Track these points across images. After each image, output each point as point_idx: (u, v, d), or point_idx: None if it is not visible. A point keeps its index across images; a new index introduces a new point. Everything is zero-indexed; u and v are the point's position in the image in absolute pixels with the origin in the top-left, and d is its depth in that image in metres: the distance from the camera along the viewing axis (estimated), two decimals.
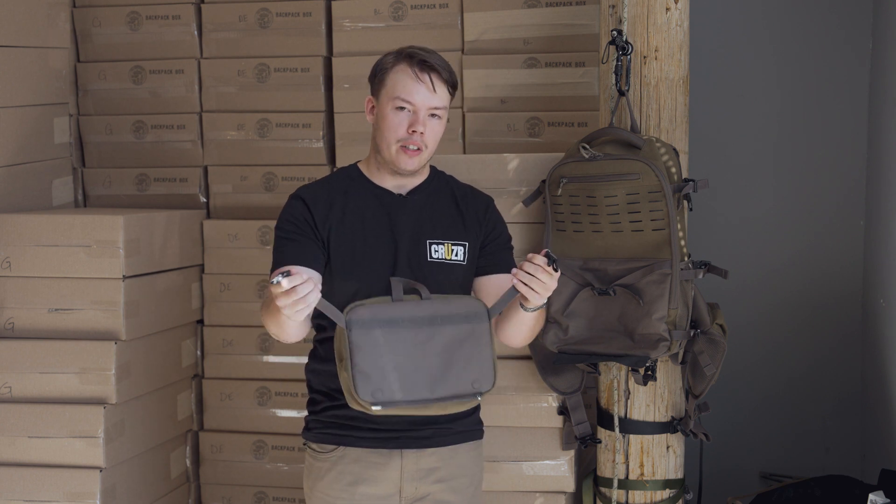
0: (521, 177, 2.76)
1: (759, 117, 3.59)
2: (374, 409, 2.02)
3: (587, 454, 2.97)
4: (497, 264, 2.35)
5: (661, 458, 2.66)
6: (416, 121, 2.21)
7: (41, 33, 3.35)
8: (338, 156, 3.40)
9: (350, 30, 3.39)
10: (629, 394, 2.64)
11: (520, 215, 2.73)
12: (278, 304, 1.90)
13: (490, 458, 2.76)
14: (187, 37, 3.51)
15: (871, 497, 2.43)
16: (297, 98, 3.44)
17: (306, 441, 2.33)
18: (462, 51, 3.30)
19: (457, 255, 2.30)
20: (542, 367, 2.68)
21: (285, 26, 3.44)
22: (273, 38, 3.45)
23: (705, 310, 2.53)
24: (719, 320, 2.57)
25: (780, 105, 3.57)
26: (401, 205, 2.29)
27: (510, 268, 2.31)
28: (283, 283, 1.86)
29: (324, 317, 2.07)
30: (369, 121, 2.31)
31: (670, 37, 2.57)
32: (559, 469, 2.77)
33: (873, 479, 2.82)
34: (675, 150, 2.52)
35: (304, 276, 1.89)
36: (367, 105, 2.31)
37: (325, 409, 2.29)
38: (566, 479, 2.77)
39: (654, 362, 2.53)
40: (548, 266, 2.02)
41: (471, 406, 2.15)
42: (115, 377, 2.92)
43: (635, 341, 2.45)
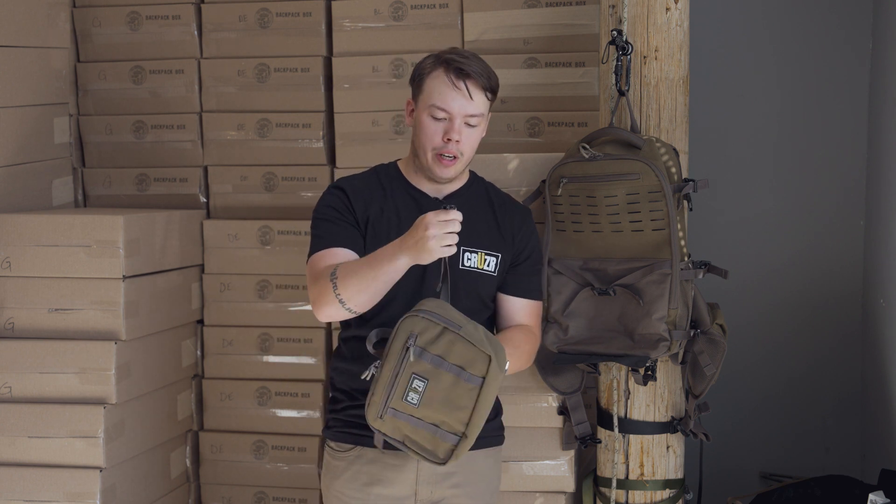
0: (521, 177, 2.76)
1: (759, 117, 3.59)
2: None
3: (587, 454, 2.97)
4: (520, 288, 2.34)
5: (661, 458, 2.66)
6: (452, 129, 2.19)
7: (41, 33, 3.35)
8: (338, 156, 3.40)
9: (350, 30, 3.39)
10: (629, 394, 2.64)
11: None
12: (430, 233, 1.97)
13: None
14: (187, 37, 3.50)
15: (871, 497, 2.43)
16: (297, 98, 3.44)
17: (326, 439, 2.35)
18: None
19: (489, 265, 2.29)
20: (542, 367, 2.68)
21: (285, 26, 3.44)
22: (273, 38, 3.45)
23: (705, 310, 2.53)
24: (719, 320, 2.57)
25: (780, 105, 3.57)
26: (435, 209, 2.28)
27: (533, 294, 2.36)
28: (453, 212, 1.98)
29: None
30: (408, 124, 2.29)
31: (670, 37, 2.57)
32: (559, 469, 2.77)
33: (873, 479, 2.82)
34: (675, 150, 2.52)
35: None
36: (407, 108, 2.30)
37: (345, 409, 2.29)
38: (566, 479, 2.77)
39: (654, 362, 2.53)
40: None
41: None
42: (115, 377, 2.92)
43: (635, 341, 2.45)
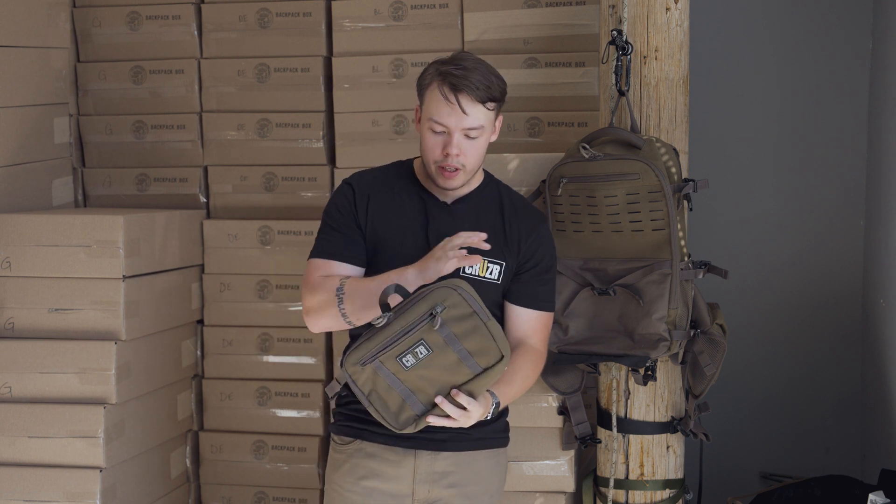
0: (521, 177, 2.76)
1: (759, 117, 3.59)
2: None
3: (587, 454, 2.97)
4: (525, 296, 2.29)
5: (661, 458, 2.66)
6: (450, 143, 2.16)
7: (41, 33, 3.34)
8: (338, 156, 3.40)
9: (350, 30, 3.39)
10: (629, 394, 2.64)
11: None
12: (447, 249, 2.01)
13: None
14: (187, 37, 3.50)
15: (871, 497, 2.43)
16: (297, 98, 3.44)
17: (331, 432, 2.36)
18: (462, 51, 3.30)
19: (492, 273, 2.26)
20: None
21: (285, 26, 3.44)
22: (273, 38, 3.45)
23: (705, 310, 2.53)
24: (719, 320, 2.57)
25: (780, 105, 3.57)
26: (442, 212, 2.26)
27: (540, 304, 2.31)
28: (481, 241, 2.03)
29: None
30: (417, 130, 2.26)
31: (670, 37, 2.57)
32: (559, 469, 2.77)
33: (873, 479, 2.82)
34: (675, 150, 2.52)
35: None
36: (416, 114, 2.27)
37: (348, 403, 2.29)
38: (566, 479, 2.77)
39: (654, 362, 2.53)
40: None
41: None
42: (115, 377, 2.92)
43: (635, 341, 2.45)
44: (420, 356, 2.01)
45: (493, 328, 2.02)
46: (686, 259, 2.48)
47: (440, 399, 2.02)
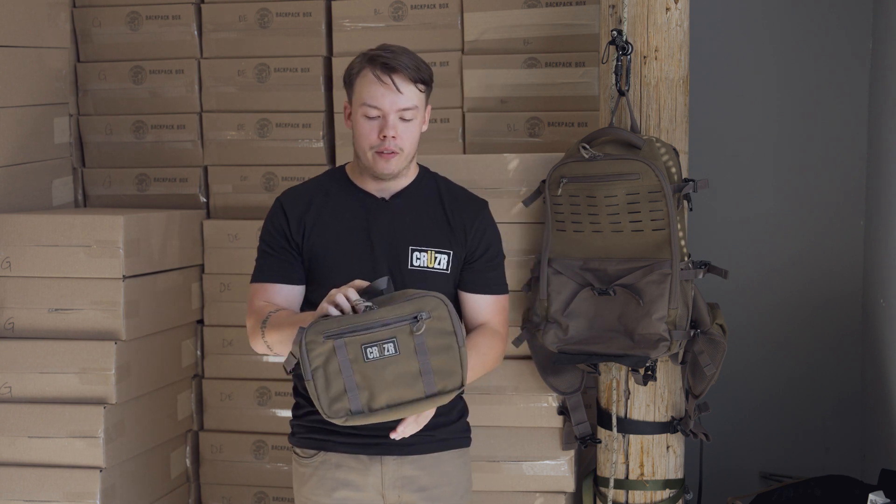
0: (521, 177, 2.76)
1: (759, 117, 3.59)
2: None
3: (587, 454, 2.98)
4: (479, 284, 2.31)
5: (661, 458, 2.66)
6: (386, 125, 2.17)
7: (41, 33, 3.34)
8: (338, 156, 3.41)
9: (350, 30, 3.39)
10: (629, 394, 2.64)
11: (520, 215, 2.73)
12: (334, 296, 1.94)
13: (490, 458, 2.76)
14: (187, 37, 3.51)
15: (871, 497, 2.43)
16: (297, 98, 3.44)
17: (292, 445, 2.34)
18: (462, 51, 3.30)
19: (440, 263, 2.26)
20: (541, 367, 2.68)
21: (285, 26, 3.44)
22: (273, 38, 3.45)
23: (705, 310, 2.53)
24: (719, 320, 2.57)
25: (780, 105, 3.57)
26: (381, 209, 2.26)
27: (494, 289, 2.33)
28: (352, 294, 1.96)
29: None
30: (347, 126, 2.26)
31: (670, 37, 2.57)
32: (559, 469, 2.77)
33: (873, 479, 2.82)
34: (675, 150, 2.52)
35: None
36: (345, 111, 2.27)
37: (306, 414, 2.28)
38: (566, 479, 2.78)
39: (654, 362, 2.53)
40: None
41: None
42: (115, 377, 2.92)
43: (635, 341, 2.45)
44: (385, 353, 1.93)
45: (464, 355, 1.99)
46: (686, 259, 2.48)
47: (396, 434, 2.05)
